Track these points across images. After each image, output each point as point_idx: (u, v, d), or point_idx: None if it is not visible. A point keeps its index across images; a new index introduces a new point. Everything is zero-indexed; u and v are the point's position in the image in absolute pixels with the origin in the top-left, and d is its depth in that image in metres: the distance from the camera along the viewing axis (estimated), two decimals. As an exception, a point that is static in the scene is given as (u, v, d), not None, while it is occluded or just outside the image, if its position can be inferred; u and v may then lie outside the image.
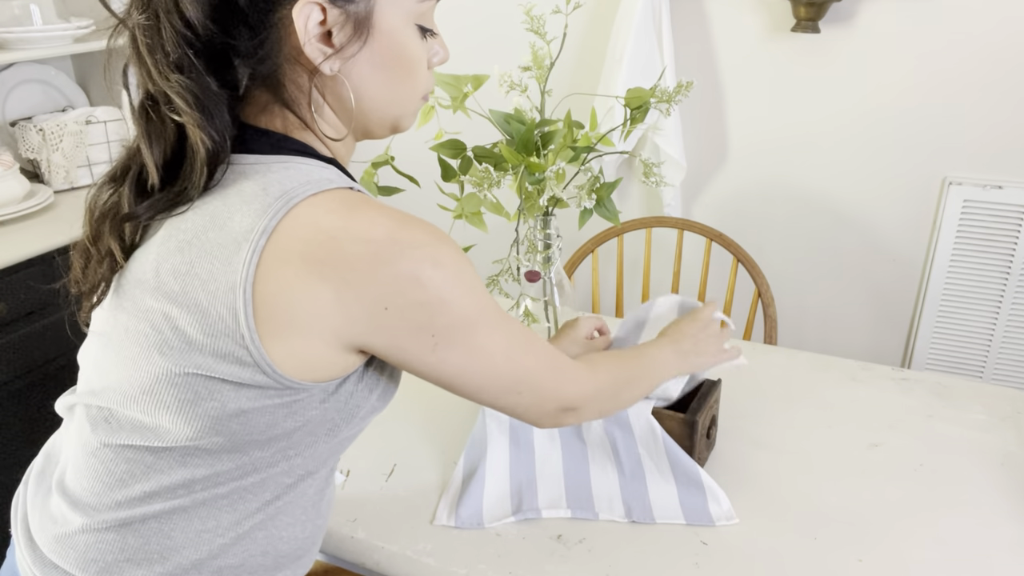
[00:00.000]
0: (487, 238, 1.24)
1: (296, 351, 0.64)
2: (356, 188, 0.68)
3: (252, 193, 0.64)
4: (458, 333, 0.68)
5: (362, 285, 0.62)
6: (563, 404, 0.80)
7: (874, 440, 1.14)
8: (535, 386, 0.76)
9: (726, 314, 1.73)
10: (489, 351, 0.71)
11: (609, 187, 1.01)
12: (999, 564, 0.91)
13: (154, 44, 0.63)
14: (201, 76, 0.63)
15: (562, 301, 1.12)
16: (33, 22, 2.06)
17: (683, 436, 1.02)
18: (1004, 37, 1.77)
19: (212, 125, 0.64)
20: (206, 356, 0.64)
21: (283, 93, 0.68)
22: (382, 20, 0.68)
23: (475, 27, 2.25)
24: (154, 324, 0.65)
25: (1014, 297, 1.91)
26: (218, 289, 0.63)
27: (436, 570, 0.92)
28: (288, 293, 0.62)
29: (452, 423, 1.18)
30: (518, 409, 0.77)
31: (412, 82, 0.73)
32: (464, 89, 0.98)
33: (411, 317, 0.65)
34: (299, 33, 0.64)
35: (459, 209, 0.99)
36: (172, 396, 0.65)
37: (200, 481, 0.68)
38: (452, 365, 0.69)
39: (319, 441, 0.71)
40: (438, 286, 0.65)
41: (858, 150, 1.98)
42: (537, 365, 0.76)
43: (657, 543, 0.95)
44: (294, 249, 0.62)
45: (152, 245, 0.68)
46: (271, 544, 0.73)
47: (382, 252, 0.62)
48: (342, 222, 0.63)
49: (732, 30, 2.00)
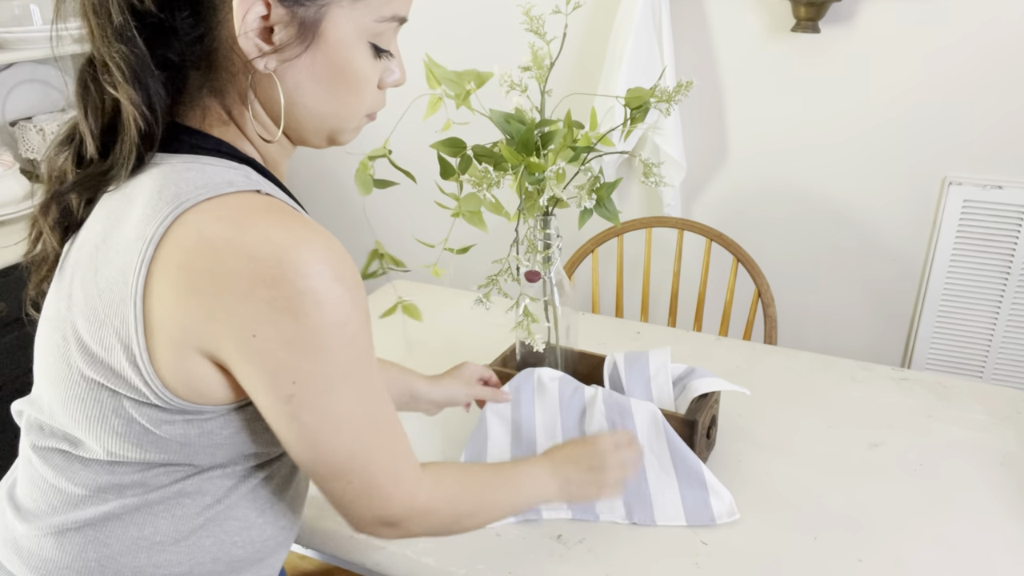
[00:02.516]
0: (487, 238, 1.24)
1: (180, 369, 0.60)
2: (264, 192, 0.63)
3: (148, 195, 0.61)
4: (321, 387, 0.61)
5: (234, 303, 0.57)
6: (384, 517, 0.69)
7: (874, 440, 1.14)
8: (370, 481, 0.67)
9: (725, 315, 1.74)
10: (345, 421, 0.63)
11: (609, 187, 1.01)
12: (999, 564, 0.91)
13: (99, 6, 0.61)
14: (141, 49, 0.61)
15: (562, 301, 1.12)
16: (33, 22, 2.07)
17: (683, 436, 1.02)
18: (1004, 37, 1.76)
19: (147, 103, 0.61)
20: (105, 370, 0.61)
21: (214, 80, 0.64)
22: (331, 30, 0.64)
23: (475, 27, 2.25)
24: (64, 334, 0.64)
25: (1014, 297, 1.91)
26: (112, 300, 0.60)
27: (436, 570, 0.92)
28: (166, 305, 0.58)
29: (452, 423, 1.18)
30: (341, 499, 0.68)
31: (353, 99, 0.68)
32: (467, 86, 0.98)
33: (276, 353, 0.58)
34: (236, 23, 0.60)
35: (459, 208, 0.99)
36: (81, 412, 0.64)
37: (130, 487, 0.66)
38: (301, 425, 0.62)
39: (250, 455, 0.68)
40: (315, 326, 0.58)
41: (858, 150, 1.98)
42: (384, 457, 0.67)
43: (657, 543, 0.95)
44: (175, 259, 0.58)
45: (79, 240, 0.66)
46: (222, 550, 0.69)
47: (263, 272, 0.56)
48: (228, 232, 0.58)
49: (732, 30, 2.00)
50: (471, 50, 2.28)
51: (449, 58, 2.32)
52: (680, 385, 1.10)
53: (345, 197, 2.67)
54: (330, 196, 2.69)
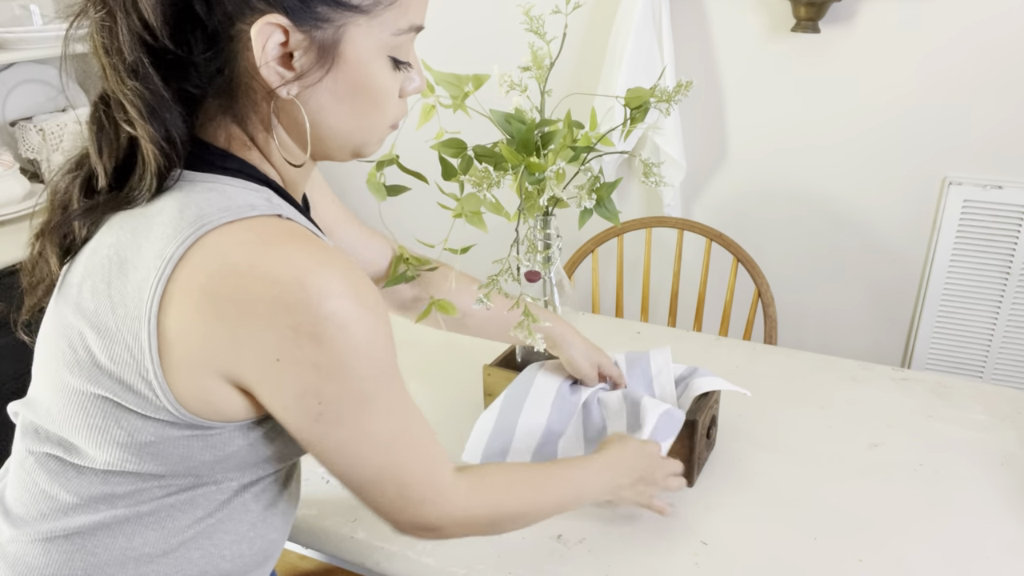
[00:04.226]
0: (487, 238, 1.24)
1: (197, 388, 0.60)
2: (285, 216, 0.63)
3: (169, 214, 0.61)
4: (348, 408, 0.62)
5: (258, 329, 0.57)
6: (422, 523, 0.71)
7: (874, 440, 1.14)
8: (403, 491, 0.68)
9: (725, 315, 1.74)
10: (373, 437, 0.65)
11: (609, 187, 1.01)
12: (999, 564, 0.91)
13: (111, 45, 0.60)
14: (156, 85, 0.60)
15: (562, 301, 1.12)
16: (33, 22, 2.07)
17: (683, 436, 1.02)
18: (1004, 37, 1.77)
19: (165, 137, 0.61)
20: (113, 382, 0.61)
21: (235, 108, 0.64)
22: (350, 50, 0.63)
23: (475, 27, 2.25)
24: (71, 342, 0.63)
25: (1014, 297, 1.91)
26: (127, 315, 0.60)
27: (436, 570, 0.92)
28: (187, 326, 0.58)
29: (453, 423, 1.18)
30: (377, 507, 0.70)
31: (378, 113, 0.68)
32: (465, 89, 0.98)
33: (301, 376, 0.59)
34: (256, 54, 0.60)
35: (459, 209, 0.99)
36: (83, 421, 0.63)
37: (122, 498, 0.65)
38: (331, 442, 0.63)
39: (248, 470, 0.68)
40: (340, 349, 0.59)
41: (858, 150, 1.98)
42: (416, 467, 0.69)
43: (657, 543, 0.95)
44: (197, 281, 0.58)
45: (88, 250, 0.66)
46: (210, 563, 0.69)
47: (286, 297, 0.57)
48: (251, 257, 0.58)
49: (732, 30, 2.00)
50: (471, 50, 2.28)
51: (449, 58, 2.32)
52: (683, 385, 1.11)
53: (359, 206, 2.67)
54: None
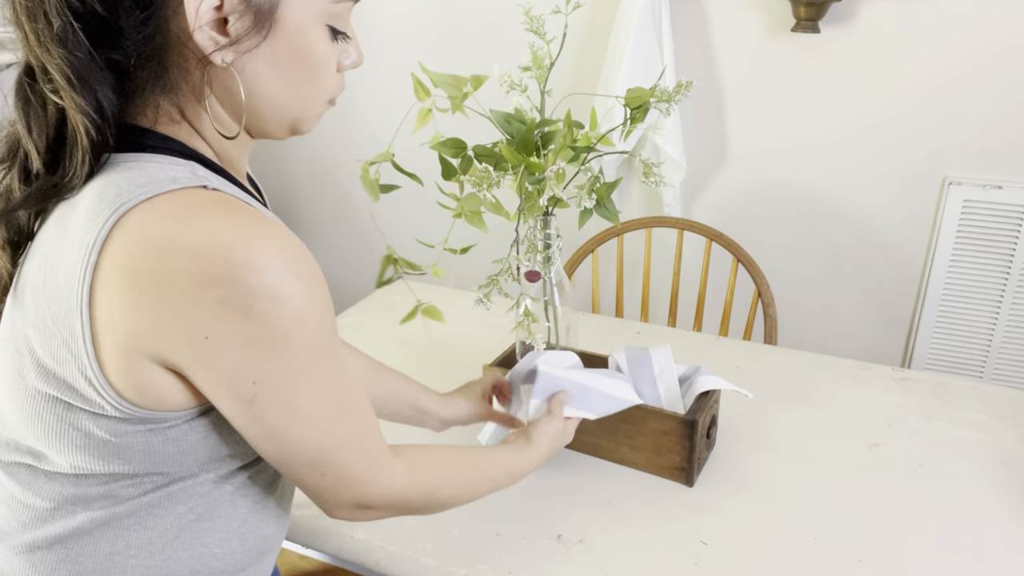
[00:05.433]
0: (487, 238, 1.24)
1: (131, 375, 0.58)
2: (211, 187, 0.59)
3: (90, 199, 0.58)
4: (282, 384, 0.59)
5: (183, 305, 0.54)
6: (359, 503, 0.70)
7: (874, 440, 1.14)
8: (341, 471, 0.66)
9: (725, 315, 1.74)
10: (309, 415, 0.62)
11: (609, 187, 1.01)
12: (999, 564, 0.91)
13: (35, 9, 0.56)
14: (85, 52, 0.57)
15: (562, 301, 1.12)
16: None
17: (683, 436, 1.02)
18: (1004, 37, 1.76)
19: (96, 108, 0.58)
20: (59, 383, 0.59)
21: (166, 78, 0.61)
22: (288, 16, 0.61)
23: (475, 27, 2.25)
24: (18, 347, 0.61)
25: (1014, 297, 1.91)
26: (60, 309, 0.58)
27: (436, 570, 0.92)
28: (113, 311, 0.56)
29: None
30: (314, 490, 0.67)
31: (316, 85, 0.66)
32: (464, 89, 0.98)
33: (232, 354, 0.56)
34: (189, 17, 0.57)
35: (459, 209, 0.99)
36: (39, 427, 0.61)
37: (97, 500, 0.63)
38: (265, 423, 0.60)
39: (220, 462, 0.66)
40: (271, 323, 0.56)
41: (858, 150, 1.98)
42: (355, 449, 0.67)
43: (657, 543, 0.95)
44: (118, 262, 0.55)
45: (33, 247, 0.63)
46: (200, 562, 0.67)
47: (210, 271, 0.54)
48: (172, 230, 0.55)
49: (732, 30, 2.00)
50: (471, 50, 2.28)
51: (448, 59, 2.32)
52: (686, 383, 1.11)
53: (350, 205, 2.67)
54: (334, 204, 2.68)
